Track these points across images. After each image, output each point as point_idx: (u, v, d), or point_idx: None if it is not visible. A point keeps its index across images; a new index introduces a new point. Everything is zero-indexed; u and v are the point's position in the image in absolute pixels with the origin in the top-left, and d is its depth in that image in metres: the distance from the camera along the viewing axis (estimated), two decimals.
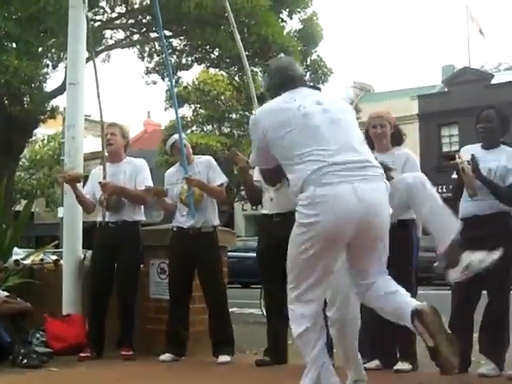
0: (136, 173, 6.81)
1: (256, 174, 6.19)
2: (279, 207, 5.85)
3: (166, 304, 6.76)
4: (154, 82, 21.17)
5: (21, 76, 15.43)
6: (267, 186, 5.92)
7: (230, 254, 7.88)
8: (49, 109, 18.02)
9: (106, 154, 6.89)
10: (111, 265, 6.75)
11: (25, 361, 6.05)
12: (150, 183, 6.80)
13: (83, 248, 7.50)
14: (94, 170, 7.11)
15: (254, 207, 9.33)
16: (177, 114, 7.44)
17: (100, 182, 6.66)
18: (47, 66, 17.35)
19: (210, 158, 6.73)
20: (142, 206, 6.91)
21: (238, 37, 6.04)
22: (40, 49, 16.54)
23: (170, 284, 6.58)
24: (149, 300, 7.12)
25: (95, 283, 6.87)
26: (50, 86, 18.41)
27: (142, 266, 7.07)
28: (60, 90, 17.42)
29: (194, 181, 6.36)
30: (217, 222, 6.59)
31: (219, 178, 6.54)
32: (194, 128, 34.28)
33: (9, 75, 15.01)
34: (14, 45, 16.13)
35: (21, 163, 28.75)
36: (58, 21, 12.15)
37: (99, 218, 6.83)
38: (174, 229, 6.58)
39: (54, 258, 8.50)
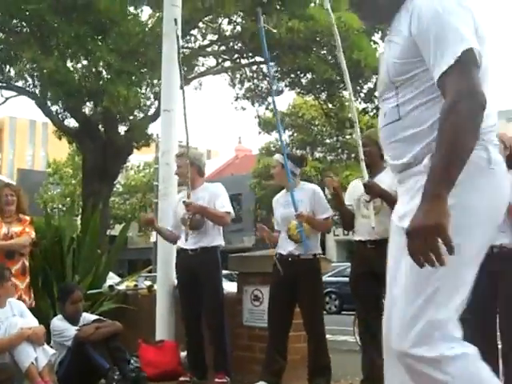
0: (214, 198, 6.82)
1: (347, 197, 6.08)
2: (377, 234, 5.71)
3: (259, 331, 6.70)
4: (244, 108, 21.31)
5: (130, 105, 15.82)
6: (365, 211, 5.82)
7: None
8: (145, 136, 18.35)
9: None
10: (195, 290, 6.76)
11: None
12: (229, 207, 6.79)
13: None
14: (177, 197, 7.24)
15: (346, 232, 9.18)
16: (281, 140, 7.31)
17: (184, 202, 6.71)
18: (148, 96, 17.74)
19: (316, 188, 6.55)
20: (221, 231, 6.88)
21: (343, 60, 5.92)
22: (140, 78, 16.90)
23: (270, 311, 6.47)
24: (242, 327, 7.06)
25: (183, 308, 6.92)
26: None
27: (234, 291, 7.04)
28: (154, 117, 17.73)
29: (304, 217, 6.23)
30: (319, 250, 6.45)
31: (325, 211, 6.36)
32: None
33: (120, 105, 15.40)
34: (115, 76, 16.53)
35: (115, 189, 29.31)
36: (156, 51, 12.36)
37: (180, 244, 6.88)
38: (277, 255, 6.48)
39: (148, 283, 8.56)
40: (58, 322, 6.78)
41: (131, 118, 17.29)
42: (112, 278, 11.79)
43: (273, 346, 6.36)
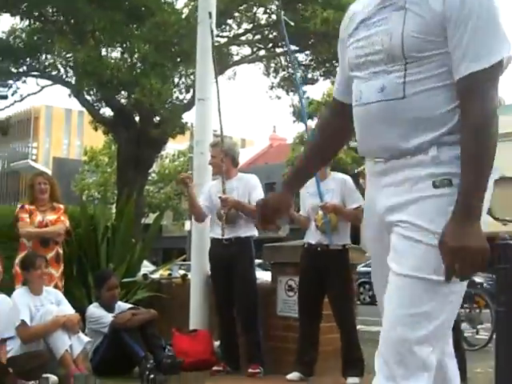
0: (249, 190, 6.77)
1: None
2: None
3: (293, 322, 6.66)
4: (279, 97, 21.25)
5: (162, 99, 15.87)
6: None
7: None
8: (179, 125, 18.37)
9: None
10: (228, 279, 6.74)
11: (151, 376, 6.07)
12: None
13: None
14: (211, 183, 7.15)
15: None
16: (307, 129, 7.32)
17: (220, 197, 6.68)
18: (180, 88, 17.77)
19: (347, 178, 6.52)
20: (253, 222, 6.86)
21: None
22: (173, 70, 16.94)
23: (299, 302, 6.46)
24: (276, 317, 7.03)
25: (217, 298, 6.91)
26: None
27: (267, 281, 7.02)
28: (188, 105, 17.75)
29: (329, 208, 6.23)
30: (348, 240, 6.42)
31: (356, 201, 6.30)
32: None
33: (152, 98, 15.44)
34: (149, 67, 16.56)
35: (150, 178, 29.44)
36: (191, 42, 12.36)
37: (213, 234, 6.86)
38: (305, 245, 6.47)
39: (182, 272, 8.58)
40: (94, 309, 6.83)
41: (166, 109, 17.29)
42: (146, 267, 11.84)
43: (304, 337, 6.35)
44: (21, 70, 19.00)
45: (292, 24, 14.88)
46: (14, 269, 6.95)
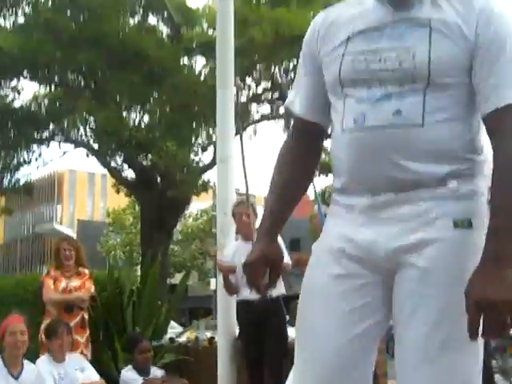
0: None
1: None
2: None
3: None
4: None
5: (177, 162, 16.00)
6: None
7: None
8: (200, 183, 18.45)
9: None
10: (259, 340, 6.65)
11: None
12: (287, 257, 6.66)
13: None
14: (235, 244, 7.08)
15: None
16: (314, 188, 7.29)
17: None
18: (196, 150, 17.91)
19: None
20: (281, 279, 6.77)
21: None
22: (190, 132, 17.10)
23: None
24: None
25: (247, 362, 6.79)
26: (200, 163, 18.87)
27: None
28: (211, 164, 17.87)
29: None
30: None
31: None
32: None
33: (167, 160, 15.57)
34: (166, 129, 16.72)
35: (174, 237, 29.48)
36: (209, 102, 12.49)
37: (241, 297, 6.79)
38: None
39: (209, 335, 8.51)
40: (127, 373, 6.85)
41: (184, 174, 17.42)
42: (173, 328, 11.78)
43: None
44: (44, 135, 19.28)
45: None
46: (39, 336, 6.93)
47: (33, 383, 5.88)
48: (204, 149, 18.15)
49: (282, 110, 20.06)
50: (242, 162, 7.01)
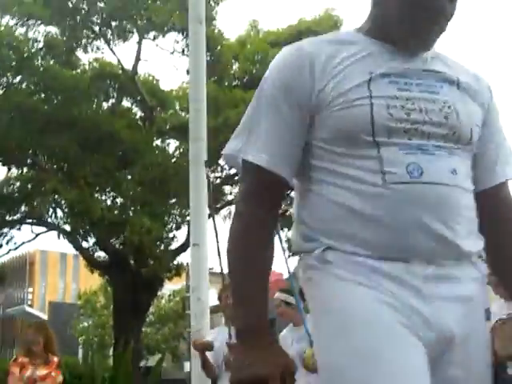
0: None
1: None
2: None
3: None
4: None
5: (152, 237, 15.95)
6: None
7: None
8: (174, 266, 18.32)
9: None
10: None
11: None
12: None
13: None
14: (216, 331, 6.96)
15: None
16: (288, 270, 7.25)
17: (227, 343, 6.52)
18: (170, 227, 17.83)
19: None
20: None
21: None
22: (163, 209, 17.09)
23: None
24: None
25: None
26: (174, 243, 18.79)
27: None
28: (183, 247, 17.80)
29: None
30: None
31: None
32: None
33: (142, 235, 15.50)
34: (139, 207, 16.73)
35: (147, 319, 29.11)
36: (181, 182, 12.50)
37: None
38: None
39: None
40: None
41: (158, 250, 17.34)
42: None
43: None
44: (15, 217, 19.14)
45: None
46: None
47: None
48: (178, 227, 18.09)
49: None
50: (217, 243, 6.96)
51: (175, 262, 18.44)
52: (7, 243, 19.72)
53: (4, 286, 44.13)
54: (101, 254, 19.39)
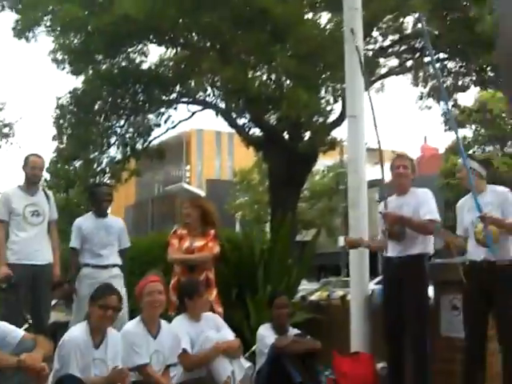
0: (419, 205, 6.48)
1: None
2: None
3: (458, 343, 6.36)
4: (429, 107, 20.69)
5: (310, 111, 15.87)
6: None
7: None
8: (328, 140, 18.24)
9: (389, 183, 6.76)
10: (400, 299, 6.44)
11: None
12: (435, 215, 6.43)
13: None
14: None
15: None
16: (458, 139, 7.03)
17: (380, 212, 6.50)
18: (327, 100, 17.61)
19: (506, 191, 6.06)
20: (432, 240, 6.53)
21: None
22: (319, 82, 16.86)
23: (465, 323, 6.12)
24: (440, 338, 6.74)
25: (386, 322, 6.64)
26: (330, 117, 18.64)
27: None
28: (337, 121, 17.62)
29: (489, 219, 5.82)
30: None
31: None
32: (474, 149, 32.98)
33: (300, 110, 15.45)
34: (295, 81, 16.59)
35: (302, 195, 29.52)
36: (335, 55, 12.24)
37: (385, 252, 6.62)
38: (467, 263, 6.13)
39: (341, 293, 8.45)
40: (261, 330, 6.88)
41: (314, 123, 17.23)
42: (304, 286, 11.79)
43: (471, 358, 6.02)
44: (171, 97, 19.52)
45: (436, 33, 14.51)
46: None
47: (170, 343, 5.95)
48: (335, 101, 17.83)
49: (409, 63, 19.55)
50: (373, 116, 6.81)
51: (330, 137, 18.30)
52: (165, 122, 20.25)
53: (163, 163, 45.74)
54: (256, 131, 19.57)
